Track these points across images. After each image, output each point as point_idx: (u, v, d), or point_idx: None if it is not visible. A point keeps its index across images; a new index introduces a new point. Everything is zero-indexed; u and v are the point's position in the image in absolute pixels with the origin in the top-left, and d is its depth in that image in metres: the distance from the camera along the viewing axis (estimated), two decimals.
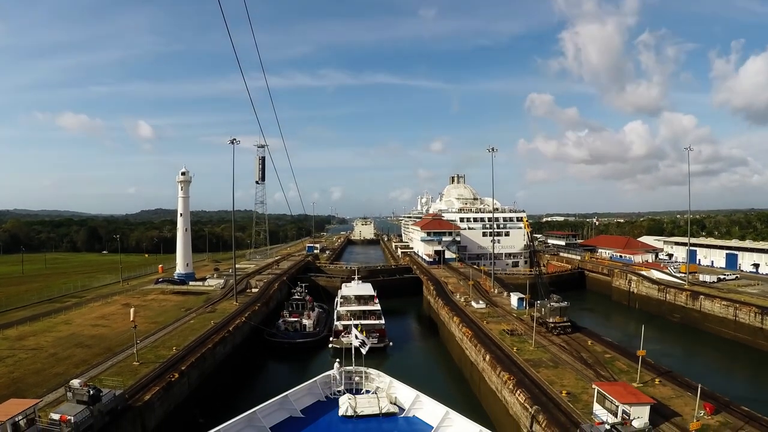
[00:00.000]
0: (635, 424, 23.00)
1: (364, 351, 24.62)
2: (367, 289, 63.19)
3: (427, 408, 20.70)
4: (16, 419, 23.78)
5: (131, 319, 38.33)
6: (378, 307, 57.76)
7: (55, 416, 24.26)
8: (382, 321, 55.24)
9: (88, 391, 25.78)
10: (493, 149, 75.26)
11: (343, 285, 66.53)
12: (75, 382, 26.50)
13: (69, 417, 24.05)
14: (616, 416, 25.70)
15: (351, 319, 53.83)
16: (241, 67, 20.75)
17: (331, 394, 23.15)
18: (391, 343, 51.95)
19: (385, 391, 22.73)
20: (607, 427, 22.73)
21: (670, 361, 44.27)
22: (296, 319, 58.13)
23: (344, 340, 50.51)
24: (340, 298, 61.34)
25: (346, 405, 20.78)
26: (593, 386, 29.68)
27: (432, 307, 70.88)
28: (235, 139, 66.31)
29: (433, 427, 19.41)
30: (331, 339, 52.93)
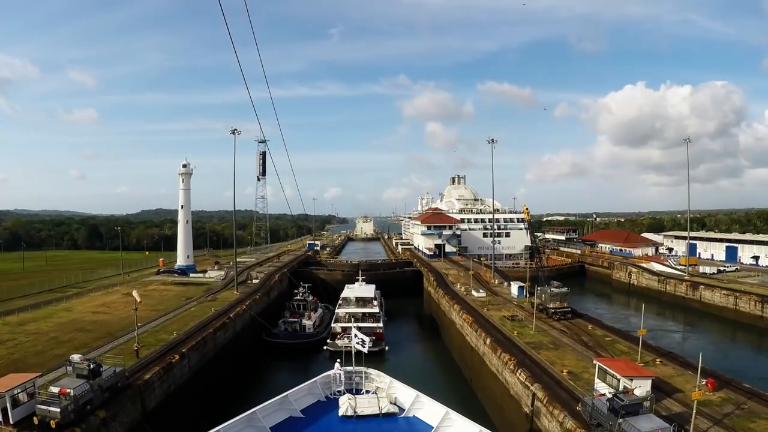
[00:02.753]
0: (637, 393, 22.95)
1: (364, 350, 24.48)
2: (367, 291, 61.41)
3: (427, 408, 20.70)
4: (15, 392, 23.76)
5: (137, 300, 38.19)
6: (377, 309, 56.70)
7: (55, 389, 24.13)
8: (380, 324, 54.22)
9: (89, 365, 25.71)
10: (492, 140, 75.36)
11: (346, 286, 64.61)
12: (75, 357, 26.47)
13: (68, 390, 23.94)
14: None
15: (349, 321, 53.15)
16: (245, 77, 22.43)
17: (331, 394, 23.13)
18: (387, 348, 50.58)
19: (385, 391, 22.74)
20: (609, 396, 22.68)
21: (670, 345, 44.28)
22: (296, 320, 57.71)
23: (339, 342, 50.28)
24: (341, 300, 60.05)
25: (346, 405, 20.78)
26: (594, 362, 29.66)
27: (432, 298, 70.87)
28: (236, 130, 66.51)
29: (433, 427, 19.41)
30: (328, 341, 52.31)
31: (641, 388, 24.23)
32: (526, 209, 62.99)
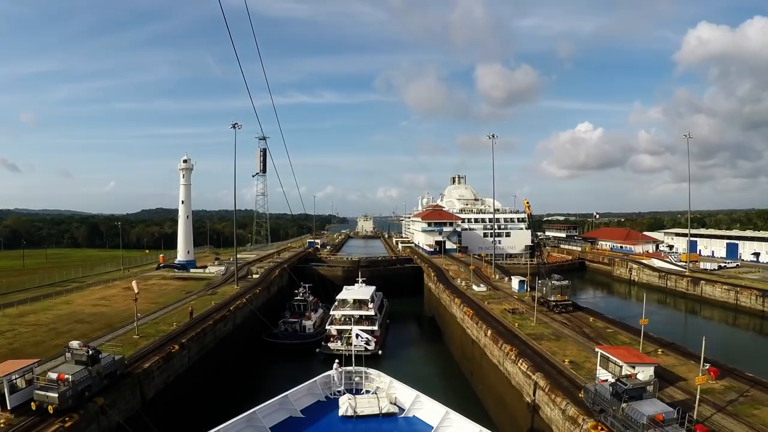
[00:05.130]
0: (640, 377, 22.79)
1: (365, 345, 24.24)
2: (365, 292, 59.18)
3: (427, 408, 20.55)
4: (13, 378, 23.60)
5: (136, 291, 38.04)
6: (373, 312, 55.29)
7: (53, 375, 23.97)
8: (376, 327, 52.91)
9: (87, 352, 25.54)
10: (493, 135, 75.19)
11: (344, 288, 62.88)
12: (74, 343, 26.30)
13: (67, 376, 23.76)
14: None
15: (345, 324, 52.55)
16: (248, 85, 24.97)
17: (331, 394, 22.98)
18: (380, 352, 49.30)
19: (385, 391, 22.57)
20: (612, 380, 22.50)
21: (672, 337, 43.99)
22: (296, 320, 57.27)
23: (332, 345, 49.91)
24: (337, 301, 58.36)
25: (346, 405, 20.61)
26: (596, 349, 29.51)
27: (433, 294, 70.68)
28: (237, 124, 66.26)
29: (433, 427, 19.27)
30: (321, 344, 51.66)
31: (644, 373, 24.05)
32: (527, 203, 62.56)
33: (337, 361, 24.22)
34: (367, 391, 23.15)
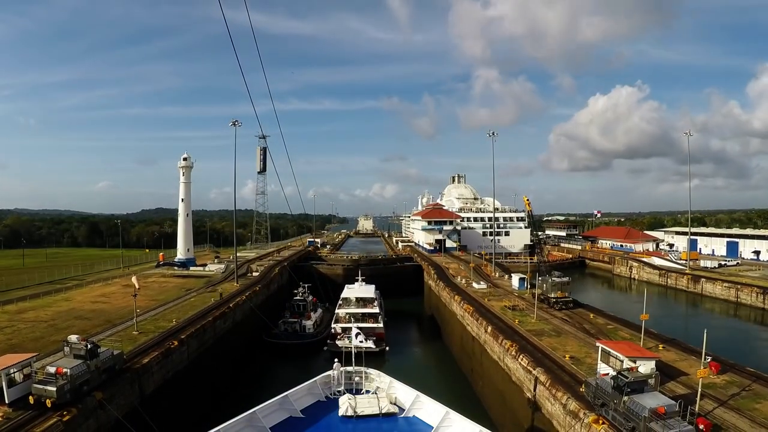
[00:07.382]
0: (641, 370, 22.67)
1: (370, 344, 24.05)
2: (368, 291, 60.26)
3: (427, 408, 20.55)
4: (11, 371, 23.46)
5: (136, 286, 37.94)
6: (377, 309, 55.92)
7: (51, 369, 23.85)
8: (381, 324, 53.53)
9: (86, 346, 25.46)
10: (493, 133, 75.02)
11: (346, 286, 63.63)
12: (73, 337, 26.26)
13: (65, 369, 23.62)
14: None
15: (350, 322, 52.55)
16: (250, 92, 26.66)
17: (331, 394, 22.97)
18: (387, 348, 48.81)
19: (385, 391, 22.56)
20: (613, 374, 22.37)
21: (673, 333, 43.88)
22: (296, 320, 57.21)
23: (339, 343, 49.59)
24: (341, 300, 59.18)
25: (346, 405, 20.61)
26: (597, 344, 29.36)
27: (433, 291, 70.54)
28: (236, 121, 66.20)
29: (433, 427, 19.25)
30: (328, 341, 51.81)
31: (645, 367, 23.93)
32: (527, 200, 61.91)
33: (336, 360, 24.14)
34: (367, 391, 23.10)
